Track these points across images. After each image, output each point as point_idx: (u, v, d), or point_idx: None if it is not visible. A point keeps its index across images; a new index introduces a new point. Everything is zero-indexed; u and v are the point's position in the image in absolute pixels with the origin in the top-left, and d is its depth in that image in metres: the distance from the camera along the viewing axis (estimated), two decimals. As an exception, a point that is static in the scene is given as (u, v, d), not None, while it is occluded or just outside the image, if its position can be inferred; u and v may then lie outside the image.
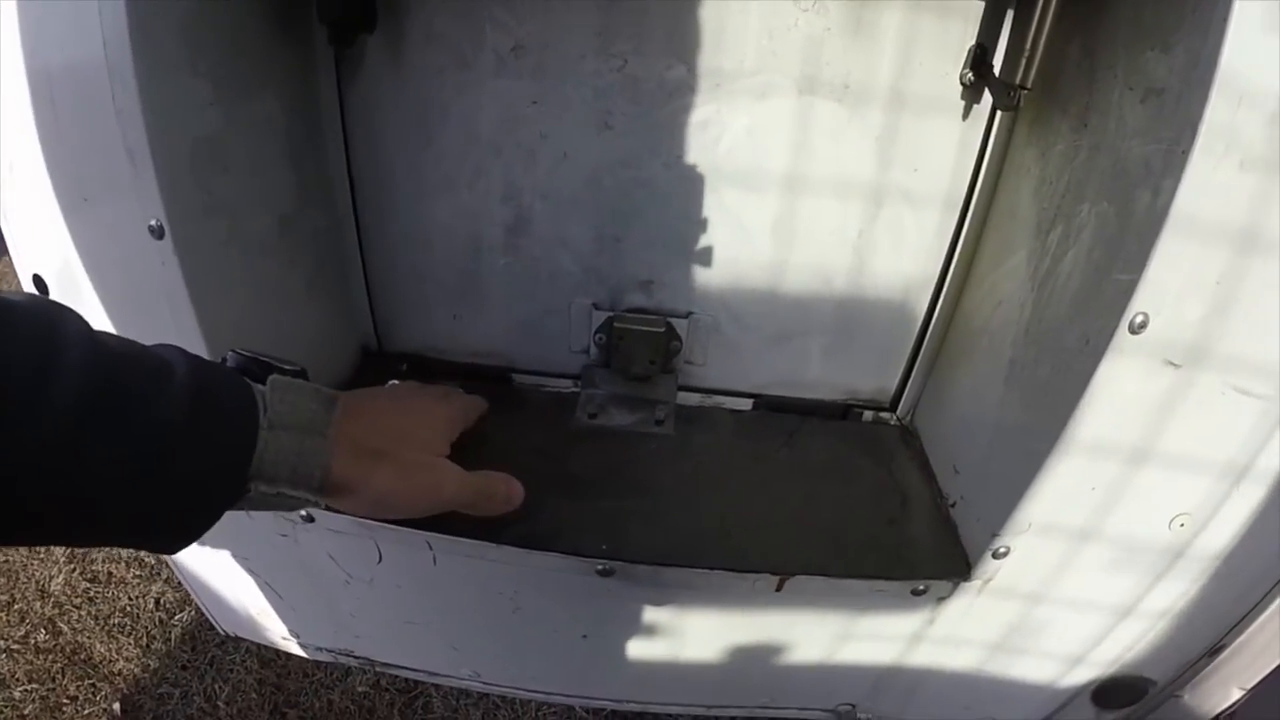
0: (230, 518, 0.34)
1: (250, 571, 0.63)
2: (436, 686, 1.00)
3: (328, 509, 0.39)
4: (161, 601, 1.16)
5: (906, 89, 0.51)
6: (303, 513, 0.53)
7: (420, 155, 0.56)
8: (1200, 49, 0.35)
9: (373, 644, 0.66)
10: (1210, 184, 0.36)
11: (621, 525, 0.51)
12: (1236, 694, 0.60)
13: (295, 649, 0.68)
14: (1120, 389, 0.41)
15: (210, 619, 0.70)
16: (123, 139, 0.41)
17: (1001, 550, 0.49)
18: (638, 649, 0.61)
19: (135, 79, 0.38)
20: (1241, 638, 0.56)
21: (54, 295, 0.52)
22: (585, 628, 0.59)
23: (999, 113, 0.52)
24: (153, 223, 0.43)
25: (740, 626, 0.57)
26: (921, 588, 0.52)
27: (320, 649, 0.68)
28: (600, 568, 0.50)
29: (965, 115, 0.53)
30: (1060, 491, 0.46)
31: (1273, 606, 0.53)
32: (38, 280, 0.52)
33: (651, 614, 0.56)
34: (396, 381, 0.54)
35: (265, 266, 0.52)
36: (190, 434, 0.30)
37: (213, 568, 0.64)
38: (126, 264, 0.46)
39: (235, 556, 0.62)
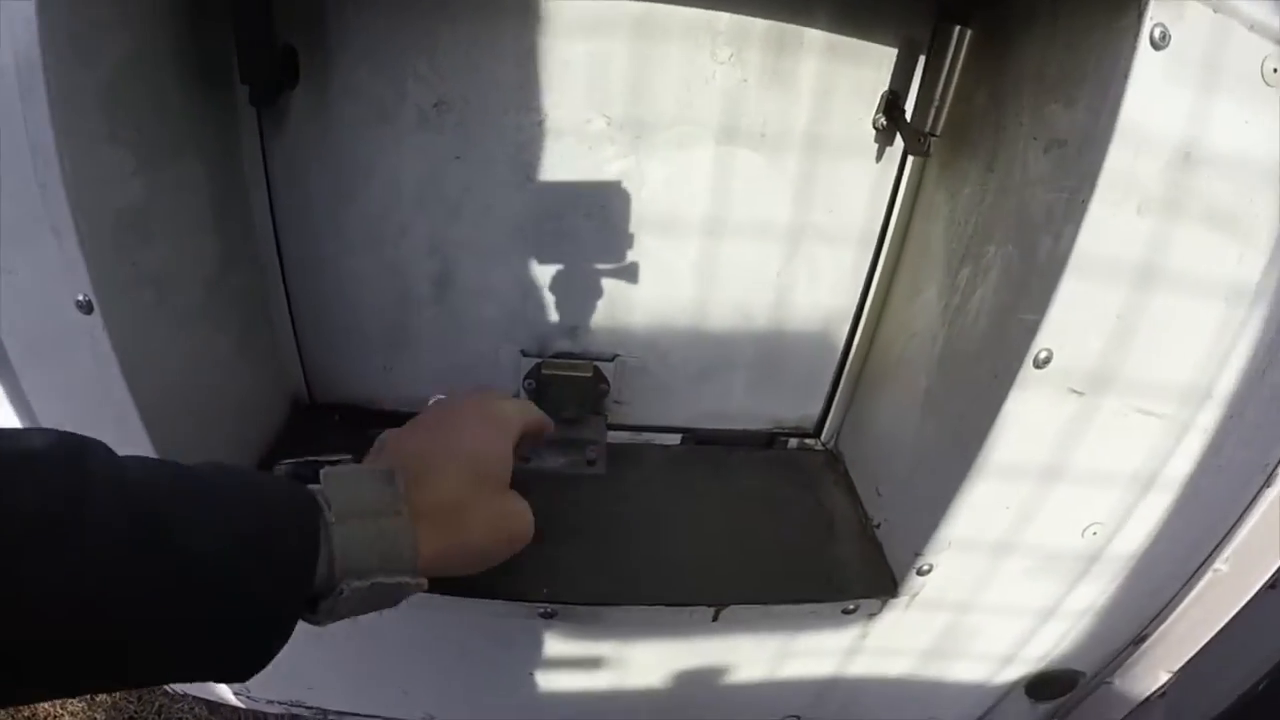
0: None
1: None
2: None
3: (431, 589, 0.36)
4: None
5: (822, 134, 0.53)
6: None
7: (345, 212, 0.55)
8: (1101, 105, 0.36)
9: (325, 693, 0.66)
10: (1109, 229, 0.38)
11: (561, 568, 0.52)
12: (1164, 676, 0.64)
13: (242, 703, 0.68)
14: (1027, 417, 0.44)
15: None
16: (47, 214, 0.40)
17: (925, 567, 0.53)
18: (585, 682, 0.62)
19: (57, 153, 0.38)
20: (1163, 626, 0.61)
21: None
22: (531, 666, 0.60)
23: (910, 155, 0.55)
24: (80, 297, 0.42)
25: (681, 654, 0.59)
26: (851, 607, 0.54)
27: (270, 701, 0.68)
28: (543, 611, 0.51)
29: (878, 158, 0.55)
30: (977, 511, 0.49)
31: (1189, 597, 0.58)
32: (-38, 353, 0.51)
33: (595, 649, 0.58)
34: (440, 395, 0.49)
35: (194, 332, 0.52)
36: (247, 571, 0.28)
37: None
38: (54, 337, 0.45)
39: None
